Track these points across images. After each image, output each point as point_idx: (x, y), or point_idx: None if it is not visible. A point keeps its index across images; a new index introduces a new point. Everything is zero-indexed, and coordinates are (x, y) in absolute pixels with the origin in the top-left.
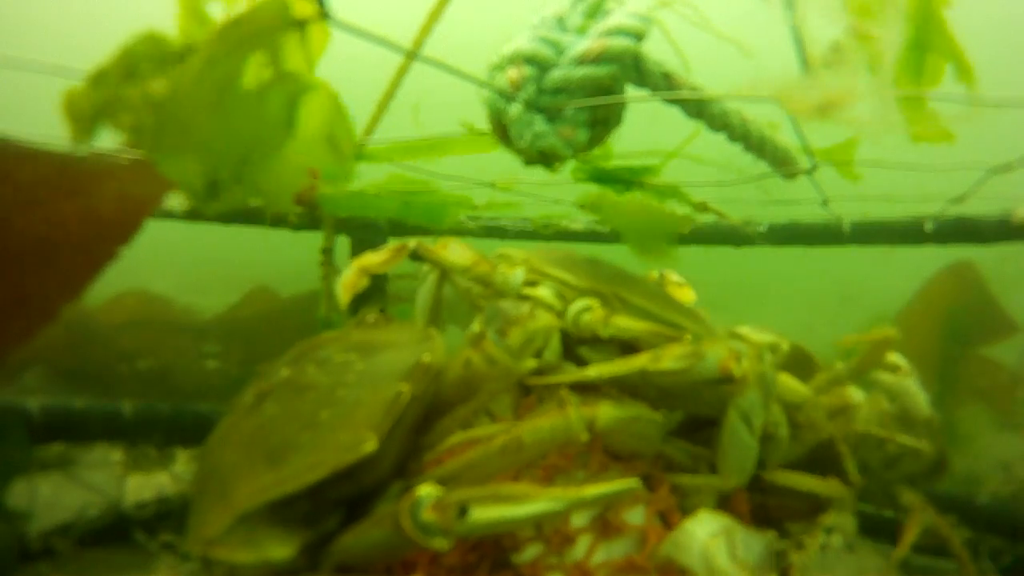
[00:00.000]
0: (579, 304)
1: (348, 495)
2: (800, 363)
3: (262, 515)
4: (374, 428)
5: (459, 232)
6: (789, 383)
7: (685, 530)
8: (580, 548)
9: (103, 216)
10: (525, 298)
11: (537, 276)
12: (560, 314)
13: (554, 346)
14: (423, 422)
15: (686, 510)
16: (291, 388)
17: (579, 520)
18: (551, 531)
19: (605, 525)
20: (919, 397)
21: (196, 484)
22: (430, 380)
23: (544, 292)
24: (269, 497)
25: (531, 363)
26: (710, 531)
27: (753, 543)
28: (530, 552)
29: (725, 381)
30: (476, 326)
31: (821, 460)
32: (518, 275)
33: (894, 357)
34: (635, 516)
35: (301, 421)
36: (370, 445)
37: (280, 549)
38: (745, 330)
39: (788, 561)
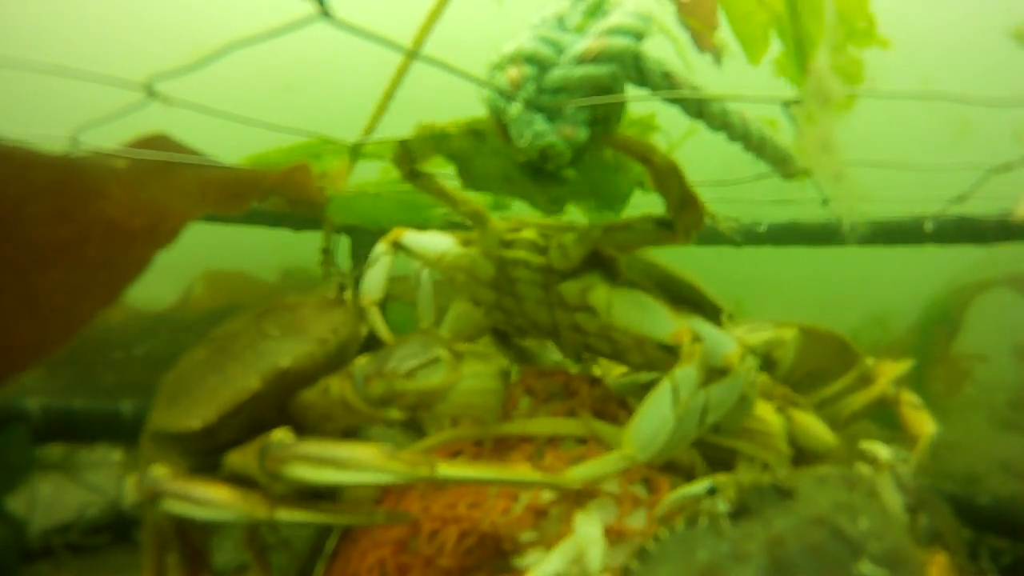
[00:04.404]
0: (560, 236)
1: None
2: (840, 354)
3: (162, 439)
4: (214, 410)
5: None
6: (813, 428)
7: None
8: None
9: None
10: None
11: (521, 225)
12: (544, 250)
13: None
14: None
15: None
16: (221, 342)
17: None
18: (554, 535)
19: (608, 531)
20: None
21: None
22: (290, 380)
23: (528, 232)
24: (153, 430)
25: (395, 414)
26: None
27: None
28: (532, 557)
29: (671, 351)
30: (362, 359)
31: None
32: (500, 224)
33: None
34: (636, 520)
35: (199, 377)
36: (194, 423)
37: (161, 469)
38: (740, 331)
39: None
